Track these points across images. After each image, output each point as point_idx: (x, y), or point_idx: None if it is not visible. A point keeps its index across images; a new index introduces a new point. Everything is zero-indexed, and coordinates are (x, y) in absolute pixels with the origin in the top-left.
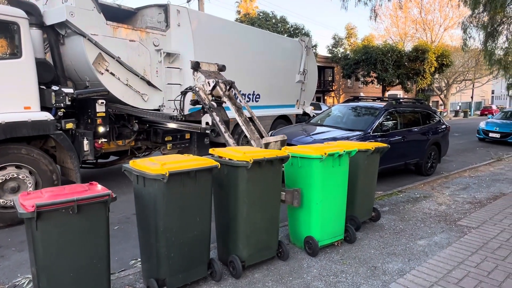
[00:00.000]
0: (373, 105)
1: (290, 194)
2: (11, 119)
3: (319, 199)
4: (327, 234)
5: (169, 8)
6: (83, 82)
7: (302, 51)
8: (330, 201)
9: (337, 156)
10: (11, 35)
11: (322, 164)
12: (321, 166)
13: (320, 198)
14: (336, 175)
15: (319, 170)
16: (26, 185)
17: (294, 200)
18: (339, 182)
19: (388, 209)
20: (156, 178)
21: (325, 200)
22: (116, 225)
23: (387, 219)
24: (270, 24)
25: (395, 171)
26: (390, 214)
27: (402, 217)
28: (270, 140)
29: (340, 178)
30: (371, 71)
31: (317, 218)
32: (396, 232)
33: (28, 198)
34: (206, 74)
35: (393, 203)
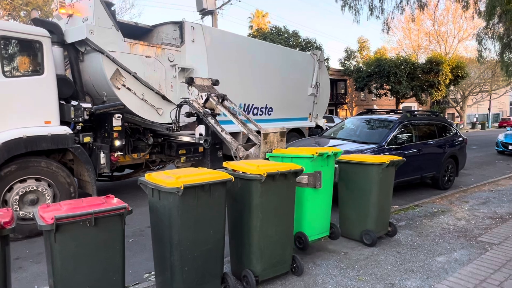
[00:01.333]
0: (387, 118)
1: (313, 177)
2: (32, 133)
3: (310, 196)
4: (315, 230)
5: (184, 25)
6: (100, 97)
7: (314, 65)
8: (319, 199)
9: (326, 156)
10: (34, 53)
11: (313, 163)
12: (311, 165)
13: (311, 195)
14: (325, 174)
15: (310, 169)
16: (45, 197)
17: (317, 182)
18: (327, 180)
19: (405, 224)
20: (171, 191)
21: (315, 197)
22: (131, 237)
23: (404, 234)
24: (282, 38)
25: (411, 185)
26: (407, 229)
27: (419, 232)
28: (269, 131)
29: (328, 176)
30: (384, 84)
31: (308, 215)
32: (413, 248)
33: (48, 210)
34: (200, 88)
35: (409, 217)
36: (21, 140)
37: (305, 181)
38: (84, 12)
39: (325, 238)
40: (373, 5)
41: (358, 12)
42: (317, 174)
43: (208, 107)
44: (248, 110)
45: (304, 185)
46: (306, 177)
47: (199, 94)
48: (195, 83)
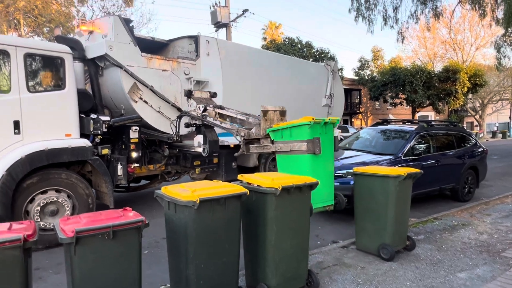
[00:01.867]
0: (403, 128)
1: (312, 143)
2: (53, 146)
3: (311, 163)
4: (319, 198)
5: (199, 39)
6: (118, 110)
7: (328, 75)
8: (320, 166)
9: (323, 123)
10: (57, 69)
11: (311, 130)
12: (310, 133)
13: (312, 162)
14: (324, 141)
15: (309, 136)
16: (64, 208)
17: (316, 148)
18: (327, 148)
19: (424, 237)
20: (187, 204)
21: (316, 164)
22: (146, 249)
23: (423, 249)
24: (295, 49)
25: (429, 197)
26: (426, 243)
27: (439, 246)
28: (269, 108)
29: (328, 144)
30: (400, 93)
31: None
32: (433, 263)
33: (68, 223)
34: (198, 101)
35: (428, 231)
36: (43, 153)
37: (304, 147)
38: (104, 29)
39: (329, 207)
40: (387, 15)
41: (371, 22)
42: (315, 140)
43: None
44: None
45: (304, 151)
46: (305, 143)
47: (197, 106)
48: (193, 96)
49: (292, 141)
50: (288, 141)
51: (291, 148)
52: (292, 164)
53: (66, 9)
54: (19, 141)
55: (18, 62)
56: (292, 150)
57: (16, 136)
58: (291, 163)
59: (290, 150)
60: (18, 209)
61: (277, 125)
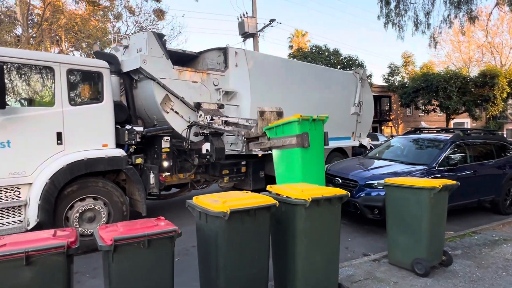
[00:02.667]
0: (437, 137)
1: (300, 137)
2: (92, 156)
3: (301, 156)
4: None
5: (228, 51)
6: (151, 121)
7: (356, 83)
8: (310, 158)
9: (312, 120)
10: (95, 83)
11: (300, 126)
12: (299, 128)
13: (302, 154)
14: (314, 137)
15: (298, 131)
16: (100, 215)
17: (304, 142)
18: (316, 142)
19: (461, 252)
20: (217, 215)
21: (306, 156)
22: (176, 257)
23: (460, 265)
24: (323, 57)
25: (467, 209)
26: (464, 259)
27: (479, 263)
28: (265, 109)
29: (317, 139)
30: (433, 99)
31: (300, 172)
32: (472, 280)
33: (107, 231)
34: (206, 112)
35: (466, 245)
36: (82, 162)
37: (294, 141)
38: (139, 44)
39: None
40: (418, 20)
41: (402, 28)
42: (304, 134)
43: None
44: None
45: (294, 145)
46: (295, 138)
47: (205, 116)
48: (202, 108)
49: (284, 136)
50: (281, 137)
51: (283, 143)
52: (285, 158)
53: (102, 24)
54: (61, 151)
55: (62, 78)
56: (284, 145)
57: (58, 147)
58: (284, 158)
59: (282, 145)
60: (59, 215)
61: (272, 123)
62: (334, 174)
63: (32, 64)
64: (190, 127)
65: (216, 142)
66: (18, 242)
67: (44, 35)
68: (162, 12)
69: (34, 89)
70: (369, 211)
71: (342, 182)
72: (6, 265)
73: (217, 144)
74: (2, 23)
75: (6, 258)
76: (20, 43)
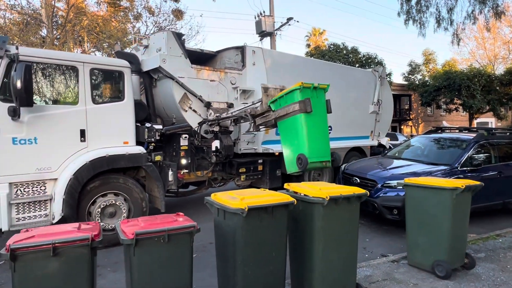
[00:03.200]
0: (459, 137)
1: (303, 103)
2: (113, 153)
3: (305, 122)
4: (315, 153)
5: (245, 50)
6: (170, 119)
7: (375, 81)
8: (314, 124)
9: (313, 88)
10: (117, 82)
11: (301, 93)
12: (301, 95)
13: (306, 121)
14: (316, 104)
15: (300, 98)
16: (121, 211)
17: (307, 107)
18: (319, 109)
19: (485, 255)
20: (236, 212)
21: (310, 122)
22: (194, 253)
23: (484, 268)
24: (341, 55)
25: (491, 211)
26: (488, 262)
27: (503, 266)
28: (269, 86)
29: (320, 107)
30: (455, 98)
31: (305, 139)
32: (496, 284)
33: (128, 225)
34: (215, 111)
35: (490, 248)
36: (104, 159)
37: (297, 107)
38: (158, 43)
39: (326, 163)
40: (440, 17)
41: (423, 25)
42: (306, 100)
43: (223, 125)
44: None
45: (297, 111)
46: (297, 104)
47: (214, 114)
48: (212, 107)
49: (287, 105)
50: (285, 106)
51: (287, 111)
52: (290, 127)
53: (123, 25)
54: (84, 148)
55: (85, 77)
56: (287, 113)
57: (82, 144)
58: (290, 127)
59: (286, 113)
60: (82, 210)
61: (276, 95)
62: (352, 174)
63: (58, 64)
64: (201, 125)
65: (225, 140)
66: (45, 234)
67: (68, 36)
68: (181, 12)
69: (59, 88)
70: (388, 211)
71: (360, 182)
72: (34, 256)
73: (225, 142)
74: (29, 25)
75: (34, 249)
76: (45, 44)
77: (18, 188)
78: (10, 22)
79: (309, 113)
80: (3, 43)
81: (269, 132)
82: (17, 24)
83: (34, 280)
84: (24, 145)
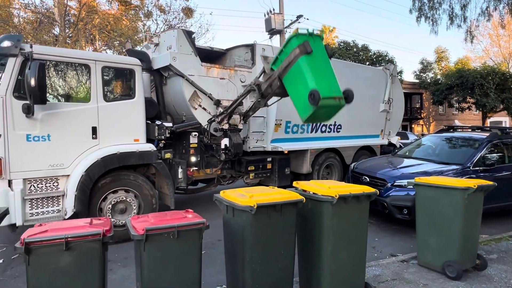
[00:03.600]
0: (472, 136)
1: (302, 45)
2: (124, 150)
3: (308, 63)
4: (326, 89)
5: (255, 47)
6: (180, 117)
7: (386, 80)
8: (318, 64)
9: (309, 34)
10: (128, 80)
11: (298, 39)
12: (298, 41)
13: (309, 62)
14: (316, 49)
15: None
16: (131, 207)
17: (307, 47)
18: (319, 54)
19: (497, 257)
20: (244, 209)
21: (314, 63)
22: (203, 250)
23: (496, 269)
24: (351, 53)
25: (504, 212)
26: (500, 264)
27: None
28: (268, 55)
29: (320, 52)
30: (468, 96)
31: (312, 76)
32: (509, 286)
33: (138, 221)
34: (224, 108)
35: (503, 250)
36: (115, 156)
37: (297, 51)
38: (169, 41)
39: (340, 100)
40: (453, 14)
41: (435, 22)
42: (304, 42)
43: (232, 123)
44: (316, 128)
45: (298, 55)
46: (297, 48)
47: (224, 108)
48: (221, 105)
49: (288, 56)
50: (286, 58)
51: (289, 60)
52: (295, 76)
53: (133, 23)
54: (96, 145)
55: (97, 75)
56: (290, 62)
57: (93, 141)
58: (295, 75)
59: (289, 62)
60: (93, 206)
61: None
62: (361, 173)
63: (70, 62)
64: (210, 123)
65: (234, 138)
66: (59, 229)
67: (80, 35)
68: (191, 10)
69: (71, 85)
70: (398, 210)
71: (369, 181)
72: (48, 250)
73: (235, 140)
74: (42, 24)
75: (48, 243)
76: (58, 43)
77: (31, 184)
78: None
79: (311, 54)
80: (17, 42)
81: (278, 130)
82: (31, 23)
83: (47, 273)
84: (37, 142)
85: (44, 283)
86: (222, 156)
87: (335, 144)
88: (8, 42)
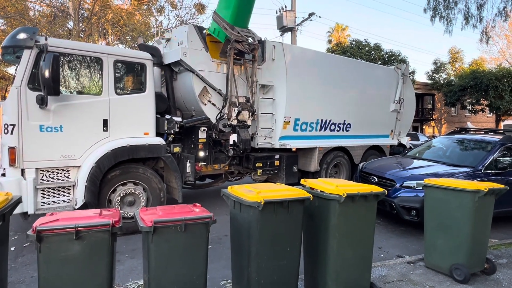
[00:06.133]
0: (484, 139)
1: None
2: (134, 143)
3: None
4: None
5: (265, 44)
6: (189, 112)
7: (398, 79)
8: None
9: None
10: (139, 74)
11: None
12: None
13: None
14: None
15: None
16: (140, 200)
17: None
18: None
19: (507, 261)
20: (251, 205)
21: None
22: (209, 244)
23: (505, 274)
24: (363, 52)
25: None
26: (510, 269)
27: None
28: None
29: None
30: (482, 98)
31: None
32: None
33: (147, 213)
34: (233, 104)
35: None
36: (125, 149)
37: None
38: (180, 37)
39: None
40: (469, 13)
41: (450, 22)
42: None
43: (241, 119)
44: (325, 126)
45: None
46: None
47: (233, 109)
48: (231, 101)
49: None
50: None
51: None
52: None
53: (146, 18)
54: (107, 137)
55: (109, 68)
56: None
57: (104, 133)
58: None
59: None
60: (103, 197)
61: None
62: (369, 172)
63: (84, 55)
64: (220, 119)
65: (243, 134)
66: (69, 218)
67: (93, 29)
68: (203, 6)
69: (84, 78)
70: (406, 212)
71: (378, 181)
72: (58, 238)
73: (243, 136)
74: (56, 18)
75: (59, 231)
76: (71, 36)
77: (43, 174)
78: (40, 14)
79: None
80: (33, 34)
81: (286, 127)
82: (45, 17)
83: (57, 261)
84: (50, 132)
85: (54, 271)
86: (230, 152)
87: (344, 143)
88: (24, 34)
